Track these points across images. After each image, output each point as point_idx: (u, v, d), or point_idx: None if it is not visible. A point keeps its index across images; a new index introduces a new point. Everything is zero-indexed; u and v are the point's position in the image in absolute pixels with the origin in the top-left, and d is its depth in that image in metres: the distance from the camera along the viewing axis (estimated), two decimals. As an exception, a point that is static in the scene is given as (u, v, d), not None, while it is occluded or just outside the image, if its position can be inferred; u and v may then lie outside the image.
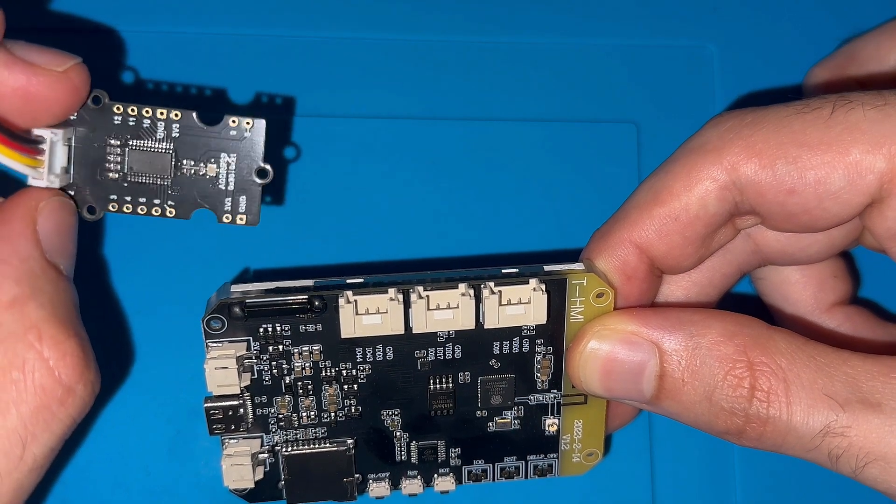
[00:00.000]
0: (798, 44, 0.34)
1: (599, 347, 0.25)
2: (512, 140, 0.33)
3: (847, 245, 0.27)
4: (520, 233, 0.32)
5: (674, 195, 0.25)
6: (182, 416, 0.30)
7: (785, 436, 0.23)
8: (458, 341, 0.26)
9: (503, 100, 0.33)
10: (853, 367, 0.23)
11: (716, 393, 0.24)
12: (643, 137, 0.33)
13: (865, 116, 0.23)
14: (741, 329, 0.24)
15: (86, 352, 0.23)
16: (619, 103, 0.33)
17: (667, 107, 0.33)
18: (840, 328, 0.29)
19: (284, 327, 0.25)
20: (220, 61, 0.32)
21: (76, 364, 0.23)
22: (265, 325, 0.25)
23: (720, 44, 0.34)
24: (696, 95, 0.34)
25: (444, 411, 0.27)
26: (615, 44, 0.34)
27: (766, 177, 0.24)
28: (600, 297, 0.26)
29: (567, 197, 0.33)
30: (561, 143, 0.33)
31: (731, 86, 0.34)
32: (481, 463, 0.28)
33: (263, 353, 0.26)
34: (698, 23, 0.34)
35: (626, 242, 0.26)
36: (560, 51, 0.33)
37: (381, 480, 0.28)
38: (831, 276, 0.29)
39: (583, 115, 0.33)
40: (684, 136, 0.26)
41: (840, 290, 0.29)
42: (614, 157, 0.33)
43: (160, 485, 0.30)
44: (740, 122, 0.24)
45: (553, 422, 0.28)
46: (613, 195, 0.32)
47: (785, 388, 0.23)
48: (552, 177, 0.33)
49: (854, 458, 0.22)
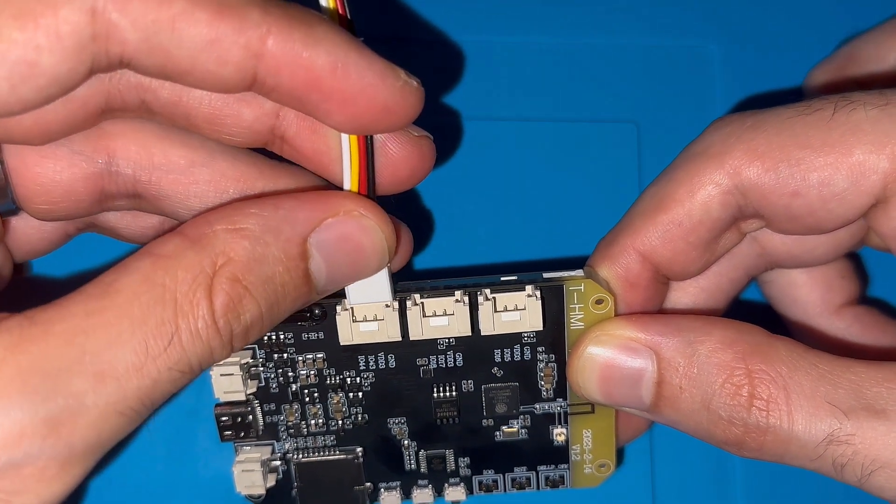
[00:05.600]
0: (799, 44, 0.33)
1: (597, 353, 0.25)
2: (511, 140, 0.32)
3: (853, 246, 0.26)
4: (519, 233, 0.32)
5: (677, 201, 0.24)
6: (181, 418, 0.30)
7: (787, 445, 0.22)
8: (458, 349, 0.26)
9: (503, 100, 0.32)
10: (856, 374, 0.22)
11: (714, 401, 0.23)
12: (643, 137, 0.33)
13: (867, 116, 0.22)
14: (740, 336, 0.23)
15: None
16: (619, 103, 0.33)
17: (667, 107, 0.33)
18: (849, 329, 0.28)
19: (287, 335, 0.25)
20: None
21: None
22: (269, 334, 0.25)
23: (721, 44, 0.33)
24: (697, 95, 0.33)
25: (450, 420, 0.27)
26: (615, 43, 0.33)
27: (770, 180, 0.23)
28: (599, 303, 0.25)
29: (567, 197, 0.32)
30: (561, 143, 0.32)
31: (732, 86, 0.33)
32: (491, 473, 0.28)
33: (269, 361, 0.26)
34: (699, 23, 0.33)
35: (630, 250, 0.25)
36: (560, 50, 0.33)
37: (393, 490, 0.28)
38: (839, 276, 0.28)
39: (583, 115, 0.33)
40: (684, 136, 0.26)
41: (848, 291, 0.28)
42: (614, 157, 0.32)
43: (160, 486, 0.30)
44: (741, 126, 0.24)
45: (561, 431, 0.27)
46: (613, 195, 0.32)
47: (785, 395, 0.22)
48: (552, 177, 0.32)
49: (860, 466, 0.22)
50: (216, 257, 0.21)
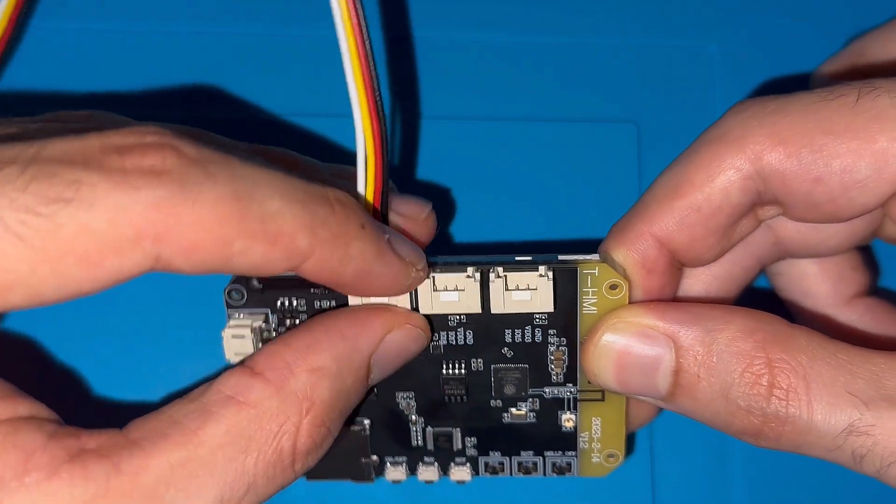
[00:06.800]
0: (799, 44, 0.33)
1: (614, 340, 0.24)
2: (511, 140, 0.32)
3: (867, 237, 0.26)
4: (519, 233, 0.32)
5: (695, 186, 0.24)
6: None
7: (805, 435, 0.22)
8: (469, 326, 0.26)
9: (503, 99, 0.32)
10: (877, 365, 0.22)
11: (732, 390, 0.23)
12: (643, 137, 0.32)
13: (892, 103, 0.22)
14: (760, 325, 0.23)
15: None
16: (619, 103, 0.33)
17: (667, 107, 0.33)
18: (861, 320, 0.28)
19: (300, 301, 0.25)
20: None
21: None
22: (282, 299, 0.25)
23: (721, 44, 0.33)
24: (697, 95, 0.33)
25: (458, 398, 0.27)
26: (615, 43, 0.33)
27: (792, 165, 0.23)
28: (613, 288, 0.25)
29: (566, 197, 0.32)
30: (561, 142, 0.32)
31: (732, 86, 0.33)
32: (498, 455, 0.28)
33: (281, 326, 0.26)
34: (699, 23, 0.33)
35: (646, 235, 0.24)
36: (560, 50, 0.33)
37: (399, 465, 0.28)
38: (850, 268, 0.28)
39: (583, 115, 0.32)
40: (685, 135, 0.25)
41: (859, 282, 0.28)
42: (614, 157, 0.32)
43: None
44: (763, 111, 0.23)
45: (570, 417, 0.27)
46: (613, 195, 0.31)
47: (805, 385, 0.22)
48: (552, 177, 0.32)
49: (879, 457, 0.21)
50: (301, 404, 0.22)
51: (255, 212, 0.20)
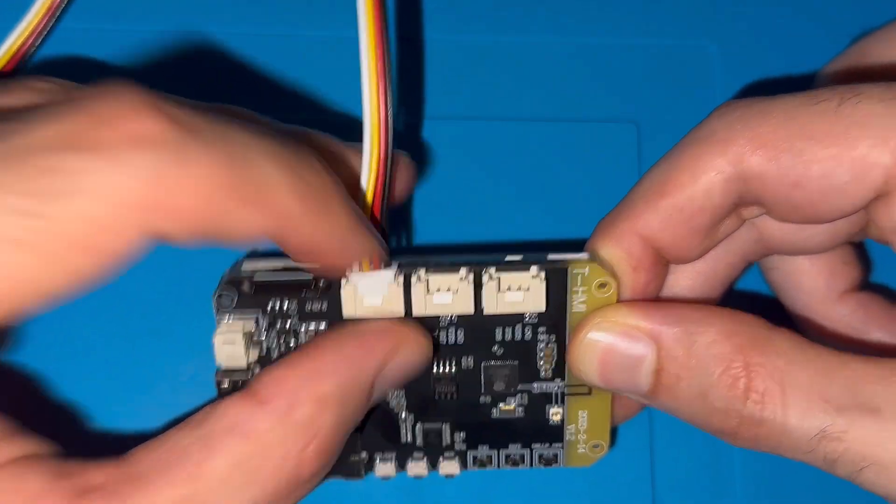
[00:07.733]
0: (799, 44, 0.33)
1: (598, 338, 0.24)
2: (511, 140, 0.32)
3: (852, 236, 0.26)
4: (519, 233, 0.32)
5: (679, 186, 0.24)
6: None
7: (780, 438, 0.22)
8: (460, 325, 0.26)
9: (503, 100, 0.32)
10: (854, 371, 0.22)
11: (711, 392, 0.23)
12: (643, 137, 0.33)
13: (873, 110, 0.22)
14: (740, 328, 0.23)
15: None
16: (619, 103, 0.33)
17: (667, 107, 0.33)
18: (853, 314, 0.28)
19: (291, 304, 0.25)
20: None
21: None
22: (273, 301, 0.25)
23: (721, 43, 0.33)
24: (697, 95, 0.33)
25: (448, 395, 0.27)
26: (615, 43, 0.33)
27: (772, 169, 0.23)
28: (603, 287, 0.25)
29: (566, 197, 0.32)
30: (561, 143, 0.32)
31: (732, 86, 0.33)
32: (486, 449, 0.28)
33: (271, 329, 0.26)
34: (698, 23, 0.33)
35: (632, 233, 0.25)
36: (560, 50, 0.33)
37: (388, 461, 0.28)
38: (842, 263, 0.28)
39: (583, 115, 0.33)
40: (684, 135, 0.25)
41: (851, 277, 0.28)
42: (614, 157, 0.32)
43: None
44: (748, 112, 0.23)
45: (557, 411, 0.27)
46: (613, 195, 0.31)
47: (781, 389, 0.22)
48: (552, 176, 0.32)
49: (850, 462, 0.22)
50: (306, 434, 0.22)
51: (250, 177, 0.19)
